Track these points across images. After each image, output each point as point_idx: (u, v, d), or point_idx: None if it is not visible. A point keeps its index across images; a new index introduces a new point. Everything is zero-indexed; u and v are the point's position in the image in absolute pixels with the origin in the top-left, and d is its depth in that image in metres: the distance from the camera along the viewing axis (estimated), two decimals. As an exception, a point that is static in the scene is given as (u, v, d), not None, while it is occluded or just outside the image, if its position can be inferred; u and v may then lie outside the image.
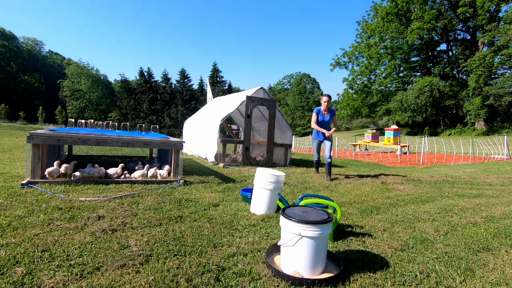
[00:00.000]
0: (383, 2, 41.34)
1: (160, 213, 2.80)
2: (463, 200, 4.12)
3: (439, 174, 6.98)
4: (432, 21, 34.81)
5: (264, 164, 7.31)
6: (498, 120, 32.20)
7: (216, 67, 54.39)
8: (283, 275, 1.69)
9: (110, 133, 4.92)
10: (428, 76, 38.12)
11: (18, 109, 56.67)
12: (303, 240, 1.71)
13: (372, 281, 1.70)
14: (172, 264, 1.77)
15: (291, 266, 1.75)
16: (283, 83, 75.51)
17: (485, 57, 29.52)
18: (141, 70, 52.23)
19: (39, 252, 1.81)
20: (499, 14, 32.29)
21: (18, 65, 62.54)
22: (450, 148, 16.10)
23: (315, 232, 1.69)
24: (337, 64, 49.83)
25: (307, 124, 60.74)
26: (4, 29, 63.65)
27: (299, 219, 1.73)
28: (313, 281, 1.64)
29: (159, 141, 4.42)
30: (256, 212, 3.03)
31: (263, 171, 3.10)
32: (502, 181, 6.04)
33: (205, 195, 3.69)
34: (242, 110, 8.29)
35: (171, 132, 45.45)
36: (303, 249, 1.72)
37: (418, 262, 1.98)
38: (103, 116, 57.52)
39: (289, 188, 4.53)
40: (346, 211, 3.26)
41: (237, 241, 2.21)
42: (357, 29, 49.42)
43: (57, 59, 78.63)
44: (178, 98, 51.30)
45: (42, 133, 3.73)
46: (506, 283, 1.75)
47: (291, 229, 1.74)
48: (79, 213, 2.62)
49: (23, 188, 3.37)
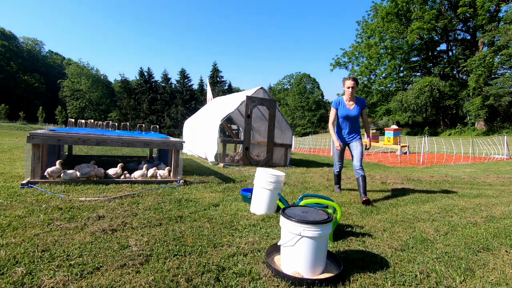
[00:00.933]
0: (383, 2, 41.39)
1: (160, 213, 2.80)
2: (463, 200, 4.12)
3: (439, 174, 6.98)
4: (432, 21, 34.83)
5: (264, 164, 7.31)
6: (498, 120, 32.21)
7: (216, 67, 54.42)
8: (283, 275, 1.69)
9: (110, 133, 4.92)
10: (428, 76, 38.14)
11: (18, 109, 56.69)
12: (303, 240, 1.71)
13: (372, 281, 1.70)
14: (172, 264, 1.77)
15: (291, 266, 1.75)
16: (283, 83, 75.54)
17: (485, 57, 29.54)
18: (141, 70, 52.24)
19: (39, 252, 1.81)
20: (499, 14, 32.32)
21: (18, 65, 62.56)
22: (450, 148, 16.10)
23: (315, 232, 1.69)
24: (337, 64, 49.86)
25: (307, 124, 60.70)
26: (4, 29, 63.69)
27: (299, 219, 1.73)
28: (313, 281, 1.64)
29: (159, 141, 4.42)
30: (256, 212, 3.03)
31: (263, 171, 3.10)
32: (502, 181, 6.04)
33: (205, 195, 3.69)
34: (242, 110, 8.28)
35: (171, 132, 45.45)
36: (303, 249, 1.72)
37: (418, 262, 1.98)
38: (103, 116, 57.53)
39: (289, 188, 4.52)
40: (346, 211, 3.26)
41: (237, 241, 2.21)
42: (357, 29, 49.57)
43: (57, 59, 78.66)
44: (178, 98, 51.30)
45: (42, 133, 3.73)
46: (506, 283, 1.75)
47: (291, 229, 1.74)
48: (79, 213, 2.62)
49: (23, 188, 3.37)
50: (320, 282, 1.64)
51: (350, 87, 3.82)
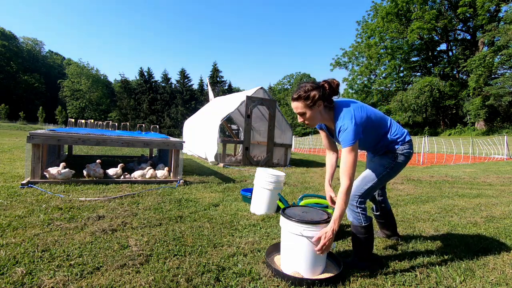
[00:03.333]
0: (383, 2, 41.42)
1: (160, 213, 2.80)
2: (463, 200, 4.12)
3: (439, 174, 6.98)
4: (432, 21, 34.85)
5: (264, 164, 7.31)
6: (498, 120, 32.21)
7: (216, 67, 54.36)
8: (283, 275, 1.69)
9: (110, 133, 4.92)
10: (428, 76, 38.16)
11: (18, 109, 56.67)
12: (303, 240, 1.71)
13: (372, 281, 1.70)
14: (172, 264, 1.77)
15: (291, 266, 1.75)
16: (283, 83, 75.52)
17: (485, 57, 29.56)
18: (141, 70, 52.19)
19: (39, 252, 1.81)
20: (499, 14, 32.32)
21: (18, 65, 62.53)
22: (450, 148, 16.10)
23: (315, 232, 1.69)
24: (337, 64, 49.90)
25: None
26: (4, 29, 63.67)
27: (299, 219, 1.72)
28: (313, 281, 1.64)
29: (159, 141, 4.42)
30: (256, 212, 3.03)
31: (263, 171, 3.10)
32: (502, 181, 6.04)
33: (205, 195, 3.69)
34: (242, 110, 8.28)
35: (171, 132, 45.42)
36: (303, 249, 1.72)
37: (418, 262, 1.98)
38: (103, 116, 57.51)
39: (289, 188, 4.52)
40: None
41: (237, 241, 2.21)
42: (357, 29, 49.61)
43: (57, 59, 78.65)
44: (178, 98, 51.28)
45: (42, 133, 3.73)
46: (506, 283, 1.75)
47: (291, 229, 1.74)
48: (79, 213, 2.62)
49: (23, 188, 3.37)
50: (320, 282, 1.64)
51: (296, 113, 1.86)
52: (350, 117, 1.70)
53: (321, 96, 1.72)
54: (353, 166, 1.68)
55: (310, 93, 1.71)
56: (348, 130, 1.67)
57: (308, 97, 1.71)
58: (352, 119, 1.69)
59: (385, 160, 1.93)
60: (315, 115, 1.77)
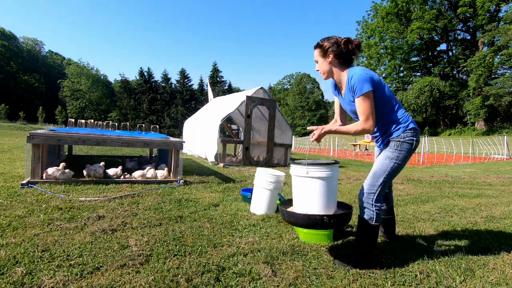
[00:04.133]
0: (383, 2, 41.41)
1: (160, 213, 2.80)
2: (463, 200, 4.12)
3: (439, 174, 6.98)
4: (432, 21, 34.86)
5: (264, 164, 7.31)
6: (498, 120, 32.23)
7: (216, 67, 54.39)
8: (293, 214, 1.88)
9: (110, 133, 4.93)
10: (428, 76, 38.18)
11: (18, 109, 56.67)
12: (312, 180, 1.84)
13: (372, 281, 1.70)
14: (172, 264, 1.77)
15: (302, 208, 1.90)
16: (283, 83, 75.51)
17: (485, 57, 29.57)
18: (141, 70, 52.22)
19: (39, 252, 1.80)
20: (499, 14, 32.34)
21: (18, 65, 62.55)
22: (450, 148, 16.09)
23: (323, 172, 1.81)
24: (337, 64, 49.79)
25: (307, 124, 60.63)
26: (4, 29, 63.69)
27: (308, 163, 1.86)
28: (321, 216, 1.79)
29: (159, 141, 4.42)
30: (256, 212, 3.03)
31: (263, 171, 3.10)
32: (502, 181, 6.04)
33: (205, 195, 3.69)
34: (242, 110, 8.29)
35: (171, 132, 45.42)
36: (312, 189, 1.85)
37: (418, 262, 1.98)
38: (103, 116, 57.51)
39: (289, 188, 4.52)
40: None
41: (237, 241, 2.20)
42: (357, 29, 49.47)
43: (57, 59, 78.66)
44: (178, 98, 51.28)
45: (42, 133, 3.73)
46: (506, 283, 1.75)
47: (300, 172, 1.87)
48: (79, 213, 2.62)
49: (23, 188, 3.37)
50: (329, 217, 1.77)
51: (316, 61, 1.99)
52: (363, 69, 1.80)
53: (333, 49, 1.84)
54: (372, 110, 1.72)
55: (324, 43, 1.88)
56: (361, 78, 1.72)
57: (321, 46, 1.89)
58: (366, 71, 1.77)
59: (388, 150, 1.89)
60: (325, 65, 1.90)
